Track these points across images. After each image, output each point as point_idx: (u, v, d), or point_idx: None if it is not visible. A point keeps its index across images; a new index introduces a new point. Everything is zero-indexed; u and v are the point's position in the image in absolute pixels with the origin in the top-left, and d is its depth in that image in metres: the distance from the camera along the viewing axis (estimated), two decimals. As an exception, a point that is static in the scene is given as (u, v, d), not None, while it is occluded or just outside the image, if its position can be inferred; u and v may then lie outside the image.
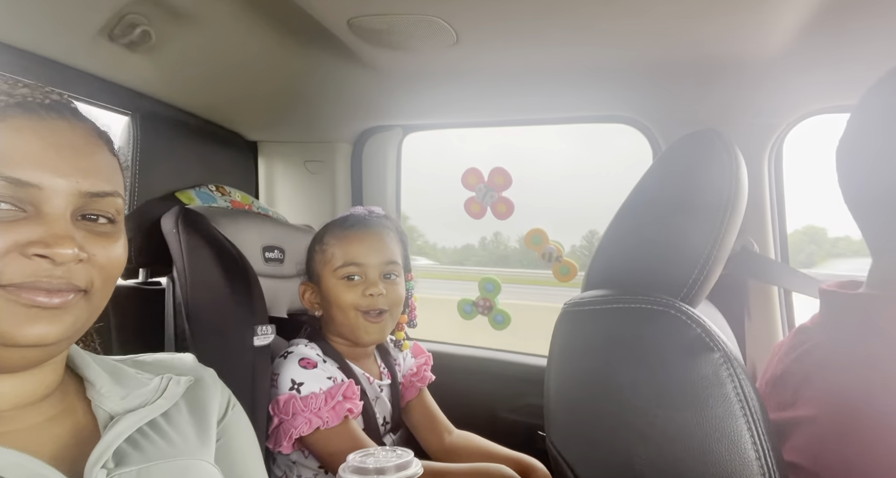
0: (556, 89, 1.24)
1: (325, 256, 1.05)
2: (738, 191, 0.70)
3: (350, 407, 0.95)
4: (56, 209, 0.49)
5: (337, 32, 1.03)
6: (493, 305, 1.50)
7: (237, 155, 1.40)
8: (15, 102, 0.50)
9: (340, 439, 0.93)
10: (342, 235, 1.05)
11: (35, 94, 0.52)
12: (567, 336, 0.69)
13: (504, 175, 1.43)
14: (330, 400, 0.94)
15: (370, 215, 1.11)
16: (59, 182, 0.49)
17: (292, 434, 0.92)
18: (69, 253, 0.48)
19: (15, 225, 0.47)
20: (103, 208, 0.53)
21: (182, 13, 1.00)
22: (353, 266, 1.02)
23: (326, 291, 1.04)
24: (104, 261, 0.52)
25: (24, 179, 0.47)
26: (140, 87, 1.13)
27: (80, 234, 0.50)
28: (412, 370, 1.21)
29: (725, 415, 0.52)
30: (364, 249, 1.03)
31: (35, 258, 0.47)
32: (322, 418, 0.92)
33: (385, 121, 1.45)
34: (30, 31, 0.90)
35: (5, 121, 0.49)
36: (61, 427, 0.55)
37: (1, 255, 0.46)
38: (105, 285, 0.54)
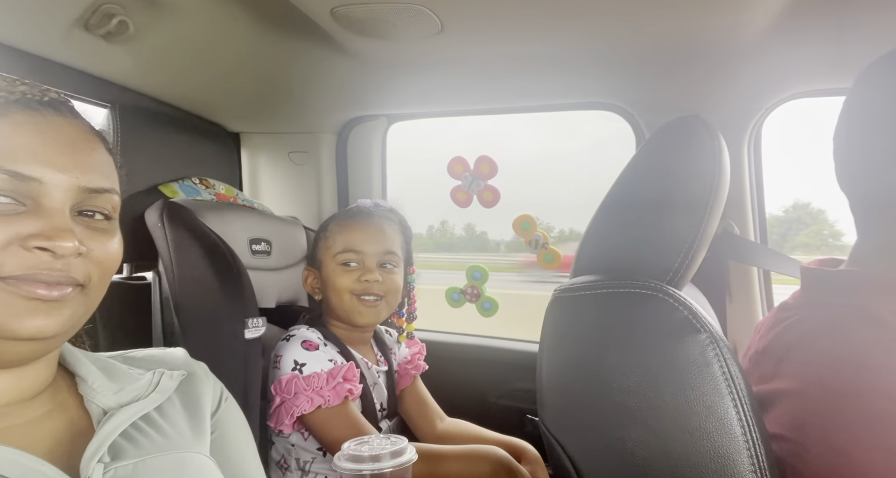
0: (540, 77, 1.25)
1: (326, 242, 1.09)
2: (721, 177, 0.72)
3: (350, 388, 0.97)
4: (56, 203, 0.50)
5: (321, 22, 1.02)
6: (481, 292, 1.52)
7: (220, 147, 1.38)
8: (14, 99, 0.50)
9: (340, 418, 0.95)
10: (345, 223, 1.10)
11: (34, 91, 0.52)
12: (558, 322, 0.71)
13: (490, 163, 1.44)
14: (331, 380, 0.96)
15: (375, 207, 1.16)
16: (59, 177, 0.50)
17: (294, 412, 0.94)
18: (70, 246, 0.48)
19: (15, 218, 0.48)
20: (100, 205, 0.54)
21: (160, 2, 0.98)
22: (352, 253, 1.06)
23: (325, 276, 1.08)
24: (101, 256, 0.53)
25: (25, 173, 0.48)
26: (119, 78, 1.11)
27: (78, 228, 0.51)
28: (406, 359, 1.23)
29: (712, 393, 0.54)
30: (363, 237, 1.08)
31: (35, 251, 0.48)
32: (323, 397, 0.94)
33: (369, 110, 1.44)
34: (3, 24, 0.87)
35: (6, 116, 0.49)
36: (55, 423, 0.55)
37: (1, 247, 0.47)
38: (101, 281, 0.54)
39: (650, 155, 0.82)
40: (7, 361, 0.51)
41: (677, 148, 0.78)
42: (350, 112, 1.45)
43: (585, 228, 0.83)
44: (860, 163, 0.63)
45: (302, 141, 1.46)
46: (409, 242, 1.19)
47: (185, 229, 0.95)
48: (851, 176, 0.65)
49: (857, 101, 0.64)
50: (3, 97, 0.50)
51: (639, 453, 0.57)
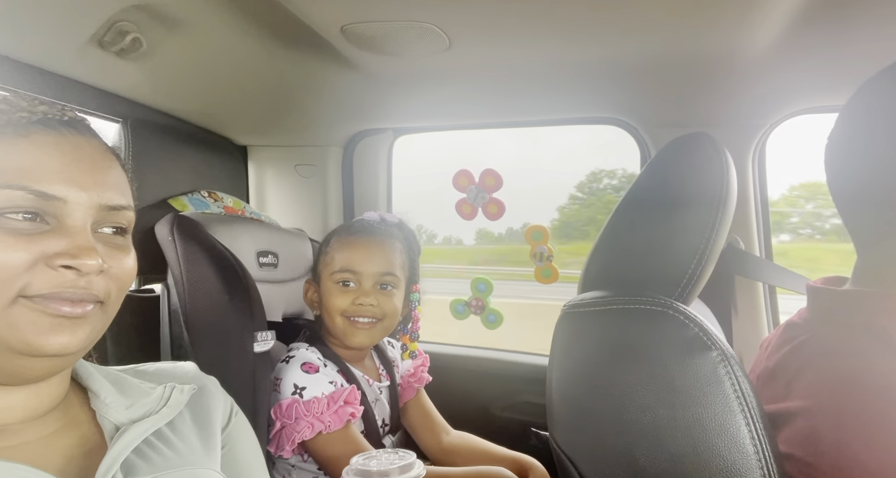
0: (545, 91, 1.26)
1: (326, 258, 1.08)
2: (728, 192, 0.73)
3: (352, 411, 0.96)
4: (78, 222, 0.51)
5: (330, 39, 1.03)
6: (486, 304, 1.52)
7: (228, 160, 1.39)
8: (36, 119, 0.51)
9: (341, 443, 0.94)
10: (345, 239, 1.07)
11: (53, 111, 0.54)
12: (567, 337, 0.71)
13: (495, 176, 1.45)
14: (332, 404, 0.95)
15: (379, 222, 1.12)
16: (81, 195, 0.51)
17: (295, 438, 0.93)
18: (94, 264, 0.50)
19: (40, 237, 0.49)
20: (118, 221, 0.55)
21: (173, 20, 0.99)
22: (349, 272, 1.04)
23: (322, 293, 1.06)
24: (119, 272, 0.54)
25: (50, 193, 0.49)
26: (131, 94, 1.12)
27: (98, 245, 0.52)
28: (409, 371, 1.22)
29: (724, 411, 0.54)
30: (362, 256, 1.04)
31: (61, 269, 0.49)
32: (324, 423, 0.93)
33: (376, 124, 1.46)
34: (19, 40, 0.89)
35: (29, 137, 0.50)
36: (68, 439, 0.55)
37: (29, 266, 0.48)
38: (118, 296, 0.56)
39: (658, 171, 0.83)
40: (27, 377, 0.52)
41: (685, 164, 0.79)
42: (356, 125, 1.46)
43: (594, 242, 0.84)
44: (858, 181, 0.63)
45: (309, 154, 1.47)
46: (416, 259, 1.16)
47: (196, 243, 0.96)
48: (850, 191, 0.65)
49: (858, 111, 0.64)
50: (25, 117, 0.51)
51: (650, 471, 0.57)
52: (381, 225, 1.12)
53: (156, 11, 0.96)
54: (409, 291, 1.15)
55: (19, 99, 0.53)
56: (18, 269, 0.47)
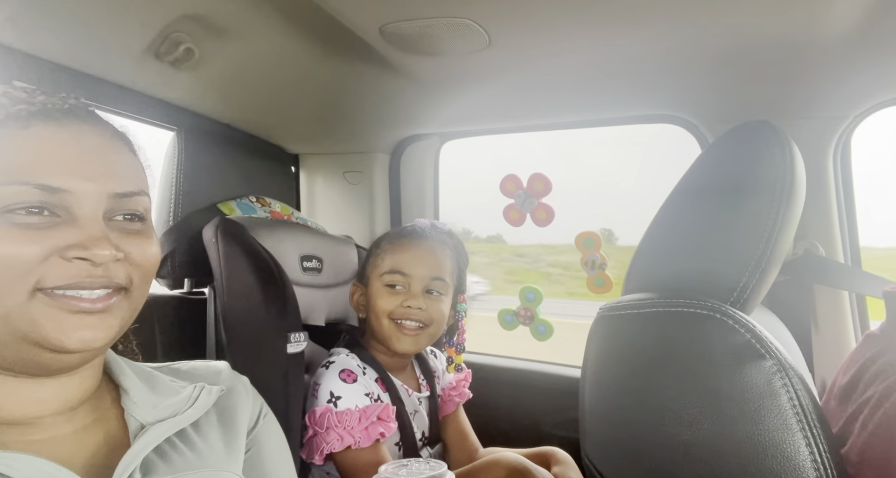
0: (596, 89, 1.20)
1: (375, 260, 1.07)
2: (792, 187, 0.64)
3: (383, 430, 0.94)
4: (88, 212, 0.50)
5: (370, 40, 1.03)
6: (535, 315, 1.45)
7: (279, 167, 1.42)
8: (36, 110, 0.51)
9: (367, 462, 0.91)
10: (396, 242, 1.07)
11: (53, 100, 0.53)
12: (603, 342, 0.65)
13: (543, 181, 1.39)
14: (364, 420, 0.92)
15: (431, 229, 1.12)
16: (88, 185, 0.50)
17: (323, 449, 0.91)
18: (107, 254, 0.49)
19: (51, 230, 0.48)
20: (132, 207, 0.54)
21: (223, 30, 1.03)
22: (398, 275, 1.03)
23: (369, 295, 1.05)
24: (140, 258, 0.54)
25: (54, 186, 0.49)
26: (185, 102, 1.17)
27: (114, 234, 0.52)
28: (451, 385, 1.18)
29: (780, 428, 0.46)
30: (412, 259, 1.04)
31: (75, 261, 0.48)
32: (354, 437, 0.91)
33: (422, 129, 1.45)
34: (81, 51, 0.94)
35: (28, 129, 0.50)
36: (94, 436, 0.55)
37: (42, 259, 0.47)
38: (143, 283, 0.55)
39: (710, 163, 0.75)
40: (54, 369, 0.52)
41: (741, 155, 0.71)
42: (403, 131, 1.46)
43: (639, 241, 0.77)
44: None
45: (356, 161, 1.48)
46: (463, 270, 1.14)
47: (237, 245, 0.98)
48: None
49: None
50: (23, 109, 0.51)
51: (693, 495, 0.49)
52: (432, 231, 1.12)
53: (206, 21, 0.99)
54: (455, 302, 1.13)
55: (18, 91, 0.53)
56: (32, 262, 0.47)
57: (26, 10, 0.81)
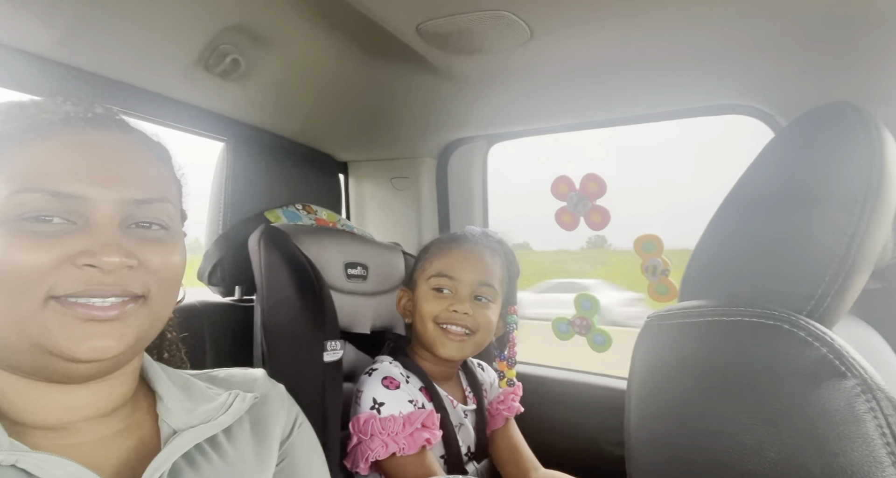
0: (652, 80, 1.11)
1: (424, 263, 1.05)
2: (882, 176, 0.55)
3: (428, 437, 0.90)
4: (103, 219, 0.50)
5: (408, 40, 1.01)
6: (592, 324, 1.37)
7: (327, 175, 1.43)
8: (58, 119, 0.52)
9: (414, 468, 0.88)
10: (445, 246, 1.05)
11: (78, 109, 0.54)
12: (651, 354, 0.57)
13: (598, 182, 1.31)
14: (408, 426, 0.89)
15: (482, 235, 1.10)
16: (102, 192, 0.50)
17: (368, 457, 0.89)
18: (115, 261, 0.48)
19: (65, 237, 0.48)
20: (153, 215, 0.54)
21: (265, 39, 1.04)
22: (446, 278, 1.01)
23: (416, 299, 1.03)
24: (158, 266, 0.53)
25: (68, 192, 0.49)
26: (233, 113, 1.20)
27: (131, 241, 0.51)
28: (499, 398, 1.13)
29: (865, 461, 0.38)
30: (461, 263, 1.01)
31: (85, 268, 0.48)
32: (398, 444, 0.88)
33: (468, 132, 1.41)
34: (132, 66, 0.98)
35: (50, 139, 0.50)
36: (126, 441, 0.55)
37: (54, 267, 0.47)
38: (163, 291, 0.54)
39: (780, 151, 0.66)
40: (72, 378, 0.52)
41: (818, 142, 0.62)
42: (449, 134, 1.42)
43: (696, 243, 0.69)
44: None
45: (403, 166, 1.46)
46: (514, 279, 1.10)
47: (278, 252, 0.98)
48: None
49: None
50: (46, 119, 0.51)
51: (756, 538, 0.42)
52: (482, 237, 1.09)
53: (249, 31, 1.01)
54: (505, 312, 1.09)
55: (48, 102, 0.54)
56: (43, 269, 0.47)
57: (78, 29, 0.85)
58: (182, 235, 0.59)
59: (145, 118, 1.06)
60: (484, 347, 1.05)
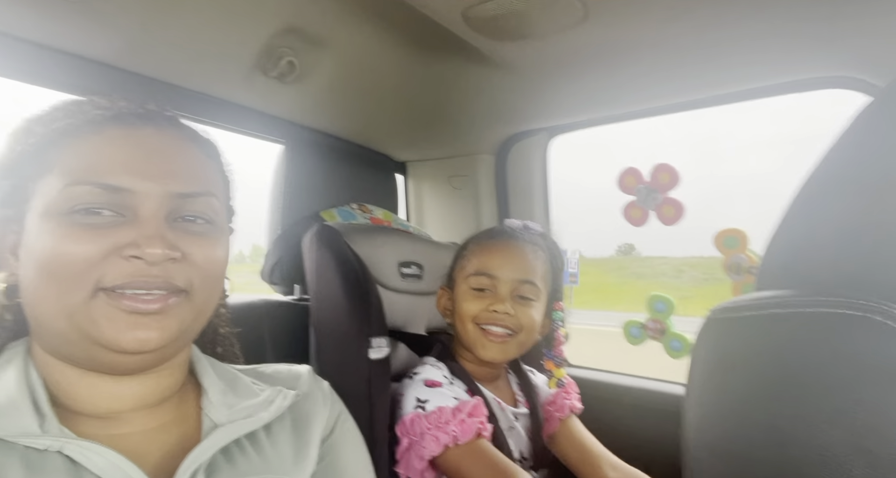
0: (729, 54, 1.00)
1: (462, 262, 1.01)
2: None
3: (481, 421, 0.85)
4: (149, 211, 0.51)
5: (455, 30, 0.98)
6: (667, 327, 1.25)
7: (384, 176, 1.43)
8: (111, 115, 0.53)
9: (474, 457, 0.83)
10: (484, 243, 1.00)
11: (130, 106, 0.55)
12: (715, 351, 0.49)
13: (670, 172, 1.21)
14: (458, 414, 0.85)
15: (522, 230, 1.04)
16: (149, 185, 0.51)
17: (423, 455, 0.84)
18: (158, 252, 0.49)
19: (114, 229, 0.49)
20: (198, 209, 0.54)
21: (318, 39, 1.05)
22: (485, 277, 0.95)
23: (455, 299, 0.99)
24: (201, 260, 0.53)
25: (116, 185, 0.50)
26: (291, 116, 1.22)
27: (175, 234, 0.52)
28: (549, 400, 1.06)
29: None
30: (500, 261, 0.96)
31: (131, 259, 0.49)
32: (449, 434, 0.83)
33: (527, 125, 1.34)
34: (194, 72, 1.02)
35: (101, 133, 0.52)
36: (171, 434, 0.56)
37: (103, 258, 0.48)
38: (205, 285, 0.54)
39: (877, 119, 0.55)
40: (119, 370, 0.53)
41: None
42: (506, 129, 1.37)
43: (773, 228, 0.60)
44: None
45: (461, 165, 1.43)
46: (559, 274, 1.03)
47: (328, 250, 0.97)
48: None
49: None
50: (100, 115, 0.53)
51: None
52: (523, 232, 1.03)
53: (303, 32, 1.02)
54: (551, 309, 1.01)
55: (102, 99, 0.55)
56: (92, 261, 0.48)
57: (144, 38, 0.90)
58: (227, 230, 0.59)
59: (206, 122, 1.10)
60: (528, 348, 0.98)
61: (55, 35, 0.84)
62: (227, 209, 0.61)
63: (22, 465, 0.45)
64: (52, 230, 0.49)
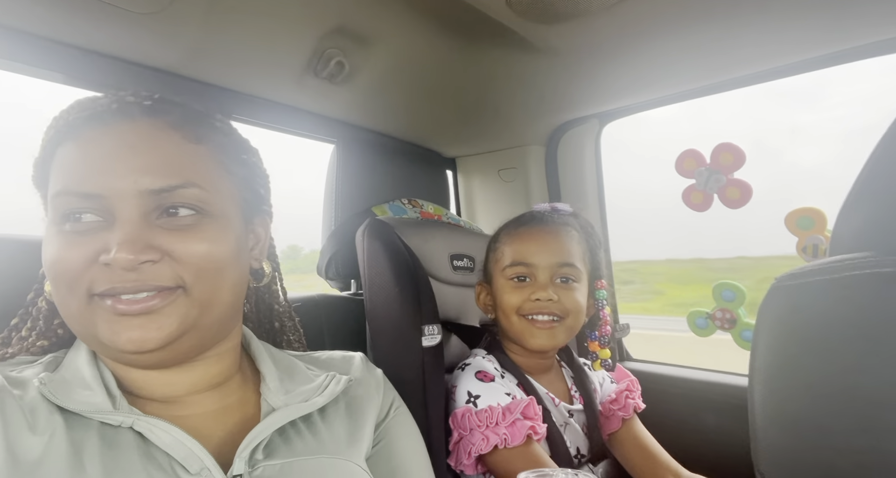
0: (790, 21, 0.93)
1: (496, 254, 0.98)
2: None
3: (533, 426, 0.83)
4: (125, 213, 0.49)
5: (499, 17, 0.97)
6: (738, 318, 1.18)
7: (435, 171, 1.43)
8: (88, 116, 0.52)
9: (523, 461, 0.81)
10: (515, 232, 0.97)
11: (105, 101, 0.53)
12: (782, 320, 0.45)
13: (734, 152, 1.14)
14: (508, 415, 0.83)
15: (551, 212, 1.01)
16: (118, 185, 0.49)
17: (471, 451, 0.84)
18: (128, 258, 0.47)
19: (94, 235, 0.49)
20: (179, 201, 0.51)
21: (365, 38, 1.07)
22: (522, 266, 0.93)
23: (495, 292, 0.97)
24: (187, 255, 0.51)
25: (90, 192, 0.49)
26: (342, 115, 1.25)
27: (157, 233, 0.50)
28: (611, 397, 1.02)
29: None
30: (535, 247, 0.93)
31: (109, 265, 0.48)
32: (500, 436, 0.82)
33: (577, 112, 1.31)
34: (250, 76, 1.06)
35: (79, 137, 0.52)
36: (232, 417, 0.58)
37: (88, 265, 0.49)
38: (202, 278, 0.51)
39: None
40: (139, 366, 0.54)
41: None
42: (555, 117, 1.34)
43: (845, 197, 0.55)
44: None
45: (510, 157, 1.41)
46: (597, 252, 0.99)
47: (379, 242, 0.98)
48: None
49: None
50: (79, 118, 0.52)
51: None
52: (552, 214, 1.00)
53: (350, 32, 1.04)
54: (593, 288, 0.98)
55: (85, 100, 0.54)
56: (79, 269, 0.49)
57: (201, 46, 0.95)
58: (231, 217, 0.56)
59: (261, 124, 1.14)
60: (577, 331, 0.95)
61: (125, 47, 0.89)
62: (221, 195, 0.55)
63: (99, 439, 0.48)
64: (51, 239, 0.51)
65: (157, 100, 0.55)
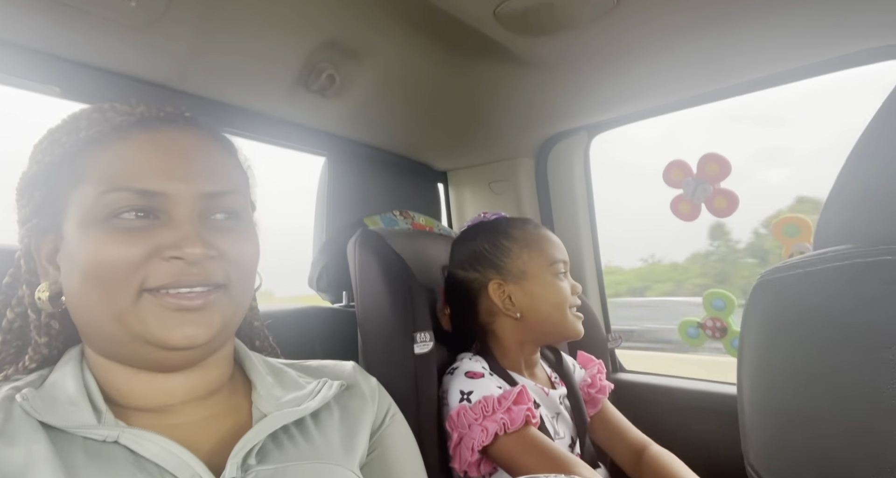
0: (774, 31, 0.96)
1: (531, 252, 0.98)
2: None
3: (529, 408, 0.84)
4: (184, 212, 0.53)
5: (487, 30, 0.99)
6: (728, 326, 1.19)
7: (426, 184, 1.44)
8: (135, 120, 0.55)
9: (523, 444, 0.81)
10: (540, 233, 1.03)
11: (152, 110, 0.57)
12: (766, 314, 0.46)
13: (719, 162, 1.16)
14: (504, 401, 0.84)
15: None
16: (181, 187, 0.53)
17: (473, 445, 0.84)
18: (198, 252, 0.51)
19: (152, 232, 0.52)
20: (226, 206, 0.56)
21: (356, 51, 1.08)
22: (562, 263, 1.00)
23: (538, 290, 0.96)
24: (235, 255, 0.55)
25: (150, 189, 0.52)
26: (332, 129, 1.26)
27: (210, 232, 0.54)
28: (587, 381, 1.06)
29: None
30: (557, 246, 1.02)
31: (172, 260, 0.51)
32: (498, 422, 0.82)
33: (566, 125, 1.33)
34: (241, 89, 1.07)
35: (128, 139, 0.54)
36: (223, 425, 0.58)
37: (144, 260, 0.51)
38: (242, 279, 0.56)
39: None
40: (167, 366, 0.55)
41: None
42: (545, 130, 1.36)
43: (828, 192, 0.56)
44: None
45: (500, 169, 1.42)
46: None
47: (371, 251, 0.99)
48: None
49: None
50: (124, 121, 0.55)
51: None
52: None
53: (341, 45, 1.05)
54: None
55: (123, 105, 0.57)
56: (135, 263, 0.50)
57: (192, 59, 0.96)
58: (253, 225, 0.61)
59: (251, 137, 1.15)
60: None
61: (116, 60, 0.90)
62: (249, 204, 0.62)
63: (84, 453, 0.48)
64: (93, 237, 0.51)
65: (191, 115, 0.60)
